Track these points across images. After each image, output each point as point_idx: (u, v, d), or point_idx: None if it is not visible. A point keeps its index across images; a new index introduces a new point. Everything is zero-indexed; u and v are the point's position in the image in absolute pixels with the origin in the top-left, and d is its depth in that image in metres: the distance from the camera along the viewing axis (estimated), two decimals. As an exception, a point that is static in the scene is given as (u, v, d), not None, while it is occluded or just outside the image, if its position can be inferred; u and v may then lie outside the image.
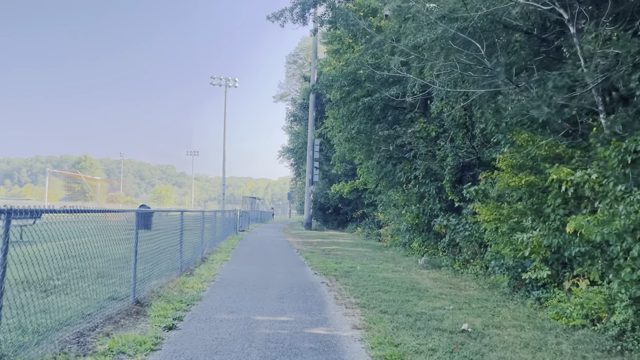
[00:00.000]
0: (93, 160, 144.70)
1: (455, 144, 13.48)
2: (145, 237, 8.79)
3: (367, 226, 26.84)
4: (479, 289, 9.88)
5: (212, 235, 15.46)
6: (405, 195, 15.45)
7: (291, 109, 45.94)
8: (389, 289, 9.15)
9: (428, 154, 14.38)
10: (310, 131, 35.35)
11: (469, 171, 13.87)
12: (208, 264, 11.74)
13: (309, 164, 35.50)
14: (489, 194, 10.83)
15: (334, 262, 13.29)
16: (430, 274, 11.91)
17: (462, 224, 12.57)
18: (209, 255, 13.28)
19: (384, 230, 22.88)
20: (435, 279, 11.00)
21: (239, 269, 11.27)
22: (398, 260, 14.67)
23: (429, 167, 13.91)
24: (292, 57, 58.36)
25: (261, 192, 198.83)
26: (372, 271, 11.77)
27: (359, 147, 17.66)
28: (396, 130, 15.07)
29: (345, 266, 12.40)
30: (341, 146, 19.03)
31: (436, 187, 13.92)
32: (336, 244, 20.23)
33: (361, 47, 16.21)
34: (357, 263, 13.35)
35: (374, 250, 18.10)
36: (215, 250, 14.85)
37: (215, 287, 8.61)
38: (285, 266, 12.38)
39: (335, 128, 17.41)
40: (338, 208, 35.55)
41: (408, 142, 15.26)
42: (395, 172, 16.10)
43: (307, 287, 9.16)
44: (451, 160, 13.26)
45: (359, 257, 15.03)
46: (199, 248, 12.22)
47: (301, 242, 21.00)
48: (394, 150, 15.99)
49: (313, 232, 31.22)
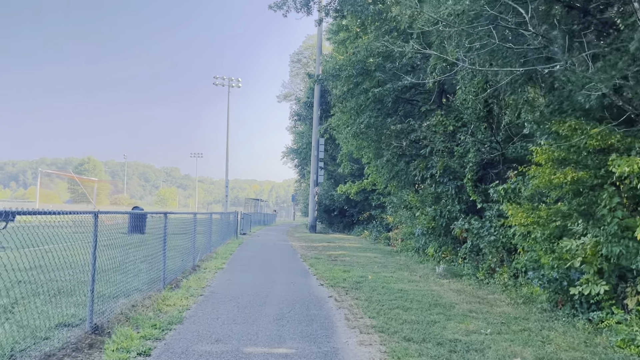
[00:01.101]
0: (96, 162, 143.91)
1: (477, 139, 12.07)
2: (127, 242, 7.48)
3: (375, 229, 25.43)
4: (512, 304, 8.46)
5: (207, 239, 14.11)
6: (419, 196, 14.04)
7: (295, 108, 44.61)
8: (409, 305, 7.75)
9: (446, 150, 12.97)
10: (315, 129, 34.00)
11: (492, 169, 12.45)
12: (199, 272, 10.38)
13: (314, 164, 34.12)
14: (521, 193, 9.44)
15: (341, 270, 11.90)
16: (452, 284, 10.50)
17: (487, 227, 11.14)
18: (203, 263, 11.92)
19: (393, 234, 21.47)
20: (459, 291, 9.59)
21: (234, 279, 9.90)
22: (412, 267, 13.26)
23: (448, 165, 12.50)
24: (296, 55, 57.10)
25: (265, 194, 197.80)
26: (385, 281, 10.38)
27: (368, 144, 16.28)
28: (410, 124, 13.67)
29: (355, 275, 11.01)
30: (348, 143, 17.65)
31: (455, 186, 12.51)
32: (343, 249, 18.84)
33: (370, 35, 14.85)
34: (368, 271, 11.96)
35: (384, 255, 16.70)
36: (211, 256, 13.50)
37: (202, 303, 7.25)
38: (287, 275, 11.00)
39: (342, 124, 16.03)
40: (344, 210, 34.13)
41: (423, 137, 13.86)
42: (408, 170, 14.70)
43: (312, 303, 7.77)
44: (473, 156, 11.85)
45: (369, 264, 13.64)
46: (189, 255, 10.87)
47: (305, 247, 19.62)
48: (406, 147, 14.59)
49: (318, 235, 29.83)
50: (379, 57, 13.95)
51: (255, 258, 14.42)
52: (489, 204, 11.82)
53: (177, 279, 9.10)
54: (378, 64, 13.95)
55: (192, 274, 9.99)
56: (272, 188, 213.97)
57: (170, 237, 10.65)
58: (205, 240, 13.91)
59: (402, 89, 13.54)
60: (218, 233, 16.93)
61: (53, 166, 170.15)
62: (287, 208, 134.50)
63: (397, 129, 13.65)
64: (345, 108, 14.88)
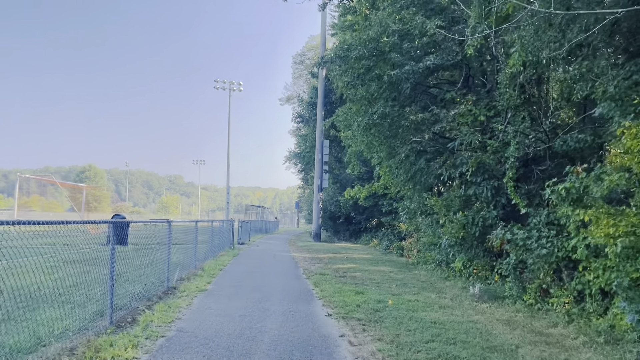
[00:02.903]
0: (98, 170, 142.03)
1: (519, 128, 9.82)
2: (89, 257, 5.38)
3: (385, 238, 23.10)
4: (590, 344, 6.16)
5: (193, 252, 11.88)
6: (443, 199, 11.76)
7: (298, 109, 42.42)
8: (455, 351, 5.47)
9: (478, 144, 10.72)
10: (319, 130, 31.81)
11: (536, 165, 10.19)
12: (173, 298, 8.12)
13: (318, 168, 31.88)
14: (590, 193, 7.17)
15: (353, 291, 9.63)
16: (495, 311, 8.22)
17: (535, 237, 8.85)
18: (183, 283, 9.68)
19: (407, 243, 19.15)
20: (510, 323, 7.31)
21: (216, 308, 7.64)
22: (438, 286, 10.97)
23: (482, 161, 10.24)
24: (299, 57, 55.08)
25: (269, 201, 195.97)
26: (411, 308, 8.10)
27: (380, 140, 14.03)
28: (433, 113, 11.41)
29: (371, 299, 8.74)
30: (357, 140, 15.42)
31: (492, 187, 10.25)
32: (351, 261, 16.55)
33: (384, 12, 12.65)
34: (386, 292, 9.68)
35: (400, 269, 14.40)
36: (195, 273, 11.25)
37: (158, 354, 4.99)
38: (286, 300, 8.74)
39: (351, 116, 13.78)
40: (350, 217, 31.80)
41: (450, 129, 11.62)
42: (429, 170, 12.44)
43: (318, 348, 5.50)
44: (515, 150, 9.59)
45: (385, 282, 11.36)
46: (162, 273, 8.64)
47: (309, 259, 17.35)
48: (427, 142, 12.36)
49: (322, 244, 27.53)
50: (395, 36, 11.76)
51: (250, 275, 12.15)
52: (537, 208, 9.56)
53: (139, 310, 6.85)
54: (393, 44, 11.75)
55: (162, 301, 7.73)
56: (275, 195, 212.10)
57: (147, 250, 8.47)
58: (190, 253, 11.68)
59: (422, 72, 11.32)
60: (208, 244, 14.70)
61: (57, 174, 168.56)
62: (291, 215, 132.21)
63: (418, 120, 11.40)
64: (355, 96, 12.65)
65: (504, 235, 9.34)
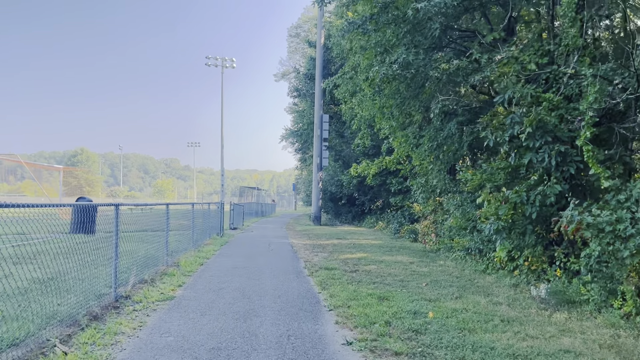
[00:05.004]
0: (90, 154, 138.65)
1: (599, 72, 7.17)
2: None
3: (394, 220, 20.58)
4: None
5: (164, 244, 9.32)
6: (482, 172, 9.14)
7: (294, 82, 39.47)
8: None
9: (530, 98, 8.08)
10: (318, 104, 29.06)
11: (619, 123, 7.59)
12: (117, 316, 5.57)
13: (317, 145, 29.19)
14: None
15: (374, 295, 7.12)
16: (583, 327, 5.72)
17: (627, 220, 6.32)
18: (143, 288, 7.12)
19: (422, 227, 16.64)
20: (618, 350, 4.81)
21: (177, 335, 5.10)
22: (479, 283, 8.48)
23: (542, 119, 7.61)
24: (295, 29, 51.82)
25: (267, 184, 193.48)
26: (463, 325, 5.58)
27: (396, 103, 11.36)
28: (472, 59, 8.73)
29: (402, 310, 6.22)
30: (366, 105, 12.74)
31: (556, 153, 7.64)
32: (360, 249, 14.05)
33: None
34: (417, 296, 7.16)
35: (421, 259, 11.91)
36: (166, 271, 8.70)
37: None
38: (282, 314, 6.21)
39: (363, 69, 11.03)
40: (353, 198, 29.24)
41: (489, 82, 8.98)
42: (462, 136, 9.84)
43: None
44: (594, 100, 6.97)
45: (410, 278, 8.86)
46: (106, 278, 6.08)
47: (310, 246, 14.84)
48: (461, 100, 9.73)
49: (323, 228, 25.04)
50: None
51: (237, 272, 9.62)
52: (622, 180, 7.01)
53: (45, 345, 4.30)
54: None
55: (96, 324, 5.17)
56: (272, 178, 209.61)
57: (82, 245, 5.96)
58: (160, 245, 9.12)
59: (457, 4, 8.60)
60: (190, 231, 12.13)
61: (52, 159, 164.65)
62: (288, 198, 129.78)
63: (452, 68, 8.72)
64: (367, 43, 9.92)
65: (582, 218, 6.78)
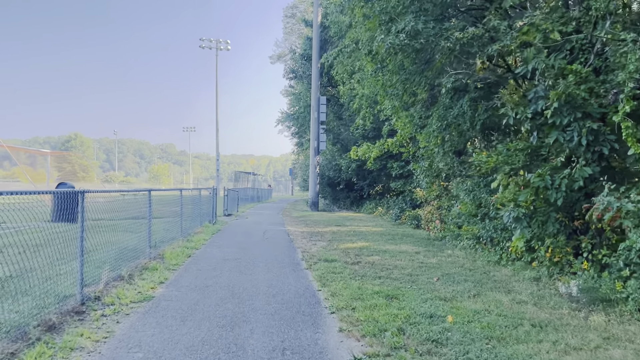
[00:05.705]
0: (84, 139, 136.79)
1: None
2: None
3: (395, 206, 19.73)
4: None
5: (146, 234, 8.41)
6: (499, 154, 8.22)
7: (290, 64, 38.21)
8: None
9: (555, 70, 7.14)
10: (315, 85, 27.97)
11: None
12: (80, 325, 4.68)
13: (314, 128, 28.18)
14: None
15: (381, 293, 6.26)
16: (628, 333, 4.88)
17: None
18: (118, 286, 6.24)
19: (426, 213, 15.79)
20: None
21: (148, 350, 4.22)
22: (496, 277, 7.63)
23: (570, 94, 6.67)
24: (290, 10, 50.22)
25: (263, 169, 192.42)
26: (490, 333, 4.72)
27: (401, 79, 10.38)
28: (489, 26, 7.74)
29: (415, 312, 5.36)
30: (368, 82, 11.74)
31: (587, 131, 6.72)
32: (361, 236, 13.20)
33: None
34: (431, 294, 6.30)
35: (427, 248, 11.07)
36: (147, 265, 7.81)
37: None
38: (276, 319, 5.34)
39: (367, 39, 9.99)
40: (351, 183, 28.35)
41: (508, 53, 8.02)
42: (477, 114, 8.91)
43: None
44: (634, 69, 6.03)
45: (419, 271, 8.01)
46: (71, 276, 5.18)
47: (307, 234, 13.98)
48: (473, 74, 8.78)
49: (321, 214, 24.19)
50: None
51: (227, 265, 8.74)
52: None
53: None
54: None
55: (51, 335, 4.28)
56: (269, 163, 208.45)
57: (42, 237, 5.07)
58: (141, 235, 8.22)
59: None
60: (178, 218, 11.23)
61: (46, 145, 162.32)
62: (285, 183, 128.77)
63: (467, 38, 7.74)
64: (371, 10, 8.88)
65: (621, 204, 5.89)
